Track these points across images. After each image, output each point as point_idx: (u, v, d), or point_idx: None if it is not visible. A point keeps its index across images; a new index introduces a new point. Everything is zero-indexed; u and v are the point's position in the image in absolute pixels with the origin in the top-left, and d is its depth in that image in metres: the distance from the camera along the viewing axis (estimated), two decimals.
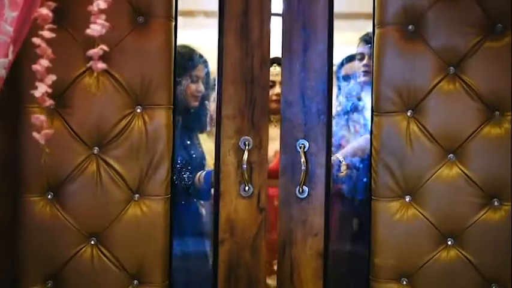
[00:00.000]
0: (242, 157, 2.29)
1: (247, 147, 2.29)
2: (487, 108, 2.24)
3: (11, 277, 2.11)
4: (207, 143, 2.55)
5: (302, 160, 2.29)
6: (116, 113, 2.17)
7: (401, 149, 2.29)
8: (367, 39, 2.80)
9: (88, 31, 1.38)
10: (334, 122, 2.43)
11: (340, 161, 2.70)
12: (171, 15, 2.20)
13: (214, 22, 2.30)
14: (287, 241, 2.32)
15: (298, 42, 2.29)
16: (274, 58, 3.12)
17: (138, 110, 2.19)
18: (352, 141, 2.70)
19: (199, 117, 2.80)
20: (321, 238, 2.31)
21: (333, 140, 2.44)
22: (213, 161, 2.37)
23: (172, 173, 2.25)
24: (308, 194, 2.32)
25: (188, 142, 2.71)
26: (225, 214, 2.30)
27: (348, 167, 2.69)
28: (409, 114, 2.28)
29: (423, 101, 2.26)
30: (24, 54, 1.58)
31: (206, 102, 2.68)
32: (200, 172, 2.66)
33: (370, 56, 2.76)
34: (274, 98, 3.08)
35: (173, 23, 2.21)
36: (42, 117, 1.40)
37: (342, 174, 2.71)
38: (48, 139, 1.43)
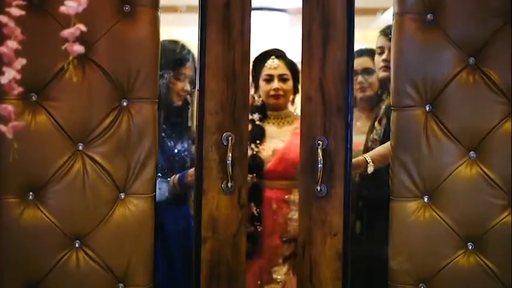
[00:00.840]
0: (223, 153, 2.30)
1: (230, 143, 2.30)
2: (508, 102, 2.17)
3: None
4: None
5: (319, 158, 2.26)
6: (103, 107, 2.12)
7: (418, 146, 2.23)
8: (388, 33, 2.88)
9: (62, 9, 1.29)
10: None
11: (367, 161, 2.72)
12: (157, 4, 2.18)
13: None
14: (306, 241, 2.32)
15: (317, 36, 2.30)
16: (272, 50, 3.12)
17: (125, 104, 2.14)
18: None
19: (181, 113, 2.75)
20: (340, 238, 2.30)
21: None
22: None
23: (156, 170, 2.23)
24: (327, 193, 2.29)
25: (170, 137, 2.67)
26: (207, 211, 2.31)
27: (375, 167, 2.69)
28: (427, 109, 2.21)
29: (442, 94, 2.20)
30: None
31: (188, 97, 2.64)
32: (174, 176, 2.64)
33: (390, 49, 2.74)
34: (272, 93, 3.05)
35: (159, 13, 2.19)
36: (10, 107, 1.28)
37: (367, 173, 2.74)
38: (17, 132, 1.31)
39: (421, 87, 2.19)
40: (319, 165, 2.24)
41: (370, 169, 2.70)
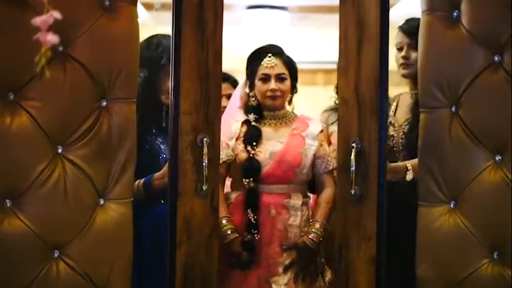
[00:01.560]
0: (198, 155, 2.28)
1: (205, 144, 2.28)
2: None
3: None
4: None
5: (352, 160, 2.26)
6: (84, 107, 2.04)
7: (443, 149, 2.20)
8: (406, 29, 2.89)
9: None
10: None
11: (408, 168, 2.71)
12: (135, 1, 2.14)
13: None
14: (343, 244, 2.34)
15: (352, 38, 2.32)
16: (268, 46, 2.96)
17: (104, 104, 2.08)
18: None
19: (155, 112, 2.63)
20: (374, 243, 2.30)
21: None
22: None
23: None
24: (361, 196, 2.29)
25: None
26: (182, 215, 2.30)
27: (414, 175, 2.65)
28: (453, 110, 2.17)
29: (466, 94, 2.16)
30: None
31: (162, 96, 2.53)
32: (138, 180, 2.52)
33: (410, 46, 2.82)
34: (268, 94, 2.90)
35: (137, 10, 2.15)
36: None
37: (406, 180, 2.70)
38: None
39: (446, 88, 2.18)
40: (352, 168, 2.26)
41: (409, 176, 2.69)
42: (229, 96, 3.50)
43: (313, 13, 7.60)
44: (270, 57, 2.90)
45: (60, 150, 2.00)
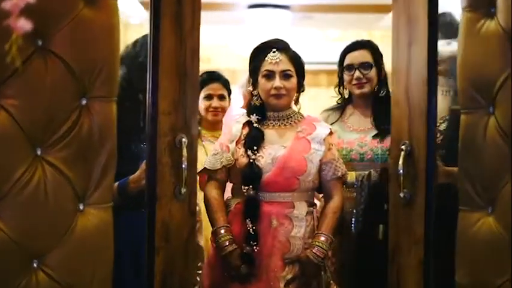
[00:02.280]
0: (176, 157, 2.22)
1: (183, 145, 2.21)
2: None
3: None
4: None
5: (400, 164, 2.22)
6: (64, 106, 1.91)
7: (479, 151, 2.12)
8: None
9: None
10: None
11: None
12: None
13: None
14: (395, 248, 2.32)
15: (404, 39, 2.30)
16: (273, 41, 2.76)
17: (84, 102, 1.95)
18: None
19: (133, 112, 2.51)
20: (422, 246, 2.25)
21: None
22: None
23: None
24: (410, 199, 2.25)
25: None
26: (160, 219, 2.22)
27: None
28: (490, 110, 2.09)
29: (500, 94, 2.06)
30: None
31: (140, 95, 2.43)
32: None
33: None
34: (273, 92, 2.69)
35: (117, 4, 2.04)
36: None
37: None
38: None
39: (483, 87, 2.10)
40: (400, 171, 2.21)
41: None
42: (220, 96, 3.42)
43: (316, 12, 7.54)
44: (274, 52, 2.69)
45: (39, 152, 1.87)
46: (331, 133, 2.76)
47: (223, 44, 7.80)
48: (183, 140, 2.19)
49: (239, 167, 2.66)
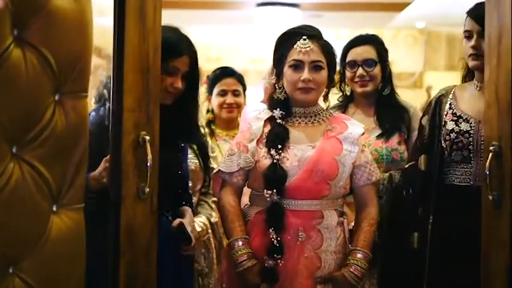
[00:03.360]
0: (140, 155, 2.15)
1: (147, 144, 2.14)
2: None
3: None
4: None
5: (487, 165, 2.13)
6: (41, 101, 1.82)
7: None
8: (477, 15, 2.56)
9: None
10: None
11: None
12: None
13: None
14: (485, 251, 2.27)
15: (495, 38, 2.23)
16: (303, 27, 2.51)
17: (58, 98, 1.87)
18: None
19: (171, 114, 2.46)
20: (507, 251, 2.18)
21: None
22: None
23: None
24: (499, 203, 2.17)
25: None
26: (125, 221, 2.15)
27: None
28: None
29: None
30: None
31: (105, 91, 2.38)
32: None
33: (481, 34, 2.48)
34: (300, 85, 2.42)
35: None
36: None
37: None
38: None
39: None
40: (487, 172, 2.14)
41: None
42: (234, 92, 3.33)
43: (326, 11, 7.52)
44: (304, 39, 2.41)
45: (15, 150, 1.77)
46: (363, 133, 2.52)
47: (232, 45, 7.80)
48: (147, 137, 2.13)
49: (261, 169, 2.40)
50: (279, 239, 2.33)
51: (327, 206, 2.40)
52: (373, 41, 3.09)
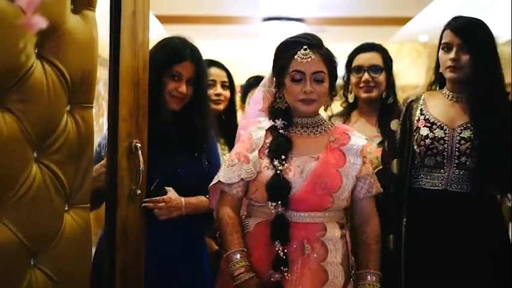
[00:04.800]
0: (132, 161, 2.37)
1: (139, 150, 2.37)
2: None
3: None
4: None
5: None
6: (58, 111, 2.00)
7: None
8: (457, 27, 2.69)
9: None
10: None
11: None
12: (94, 6, 2.15)
13: None
14: None
15: None
16: (304, 36, 2.45)
17: (69, 108, 2.05)
18: None
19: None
20: None
21: None
22: None
23: None
24: None
25: None
26: (120, 220, 2.36)
27: None
28: None
29: None
30: None
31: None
32: None
33: (461, 47, 2.64)
34: (302, 96, 2.38)
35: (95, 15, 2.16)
36: None
37: None
38: None
39: None
40: None
41: None
42: (223, 84, 3.28)
43: (330, 25, 7.65)
44: (305, 49, 2.34)
45: (35, 155, 1.93)
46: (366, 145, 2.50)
47: (239, 58, 7.92)
48: (138, 145, 2.34)
49: (262, 180, 2.35)
50: (285, 251, 2.28)
51: (329, 218, 2.37)
52: (379, 48, 3.16)
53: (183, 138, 2.59)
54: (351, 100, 3.18)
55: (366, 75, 3.06)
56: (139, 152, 2.34)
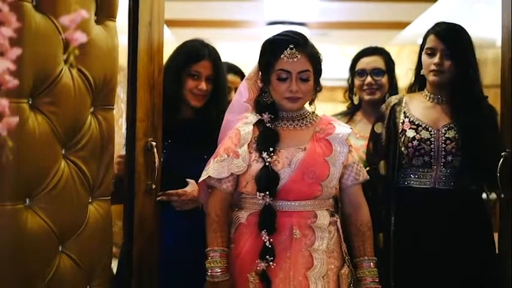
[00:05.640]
0: (148, 158, 2.55)
1: (155, 148, 2.55)
2: None
3: None
4: None
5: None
6: (83, 113, 2.19)
7: None
8: (440, 32, 2.81)
9: None
10: None
11: None
12: (115, 16, 2.35)
13: None
14: None
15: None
16: (292, 35, 2.46)
17: (93, 110, 2.25)
18: None
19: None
20: None
21: None
22: None
23: None
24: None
25: None
26: (137, 213, 2.55)
27: None
28: None
29: None
30: None
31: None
32: None
33: (445, 52, 2.76)
34: (287, 95, 2.43)
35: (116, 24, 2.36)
36: (4, 101, 1.16)
37: None
38: (11, 130, 1.17)
39: None
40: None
41: None
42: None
43: (332, 29, 7.77)
44: (292, 49, 2.38)
45: (63, 152, 2.12)
46: (349, 133, 2.53)
47: (243, 62, 8.14)
48: (153, 143, 2.54)
49: (252, 174, 2.40)
50: (271, 240, 2.34)
51: (319, 206, 2.42)
52: (381, 52, 3.27)
53: (203, 133, 2.73)
54: (356, 102, 3.28)
55: (368, 78, 3.17)
56: (155, 150, 2.53)
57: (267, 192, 2.34)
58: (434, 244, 2.71)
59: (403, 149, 2.80)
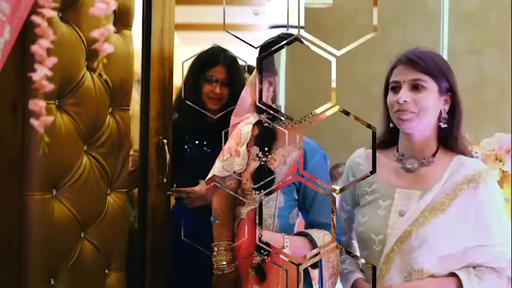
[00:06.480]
0: (159, 154, 2.77)
1: (166, 146, 2.77)
2: None
3: (18, 274, 2.15)
4: None
5: None
6: (102, 113, 2.39)
7: None
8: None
9: (92, 10, 1.34)
10: None
11: None
12: (130, 25, 2.57)
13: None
14: None
15: None
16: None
17: (111, 111, 2.44)
18: None
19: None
20: None
21: None
22: None
23: None
24: None
25: None
26: (150, 205, 2.77)
27: None
28: None
29: None
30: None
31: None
32: None
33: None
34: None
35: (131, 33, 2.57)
36: (42, 102, 1.26)
37: None
38: (47, 127, 1.29)
39: None
40: None
41: None
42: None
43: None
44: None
45: (85, 148, 2.33)
46: None
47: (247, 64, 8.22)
48: (164, 141, 2.76)
49: (250, 171, 2.48)
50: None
51: None
52: None
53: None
54: None
55: None
56: (166, 147, 2.75)
57: (263, 191, 2.34)
58: None
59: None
